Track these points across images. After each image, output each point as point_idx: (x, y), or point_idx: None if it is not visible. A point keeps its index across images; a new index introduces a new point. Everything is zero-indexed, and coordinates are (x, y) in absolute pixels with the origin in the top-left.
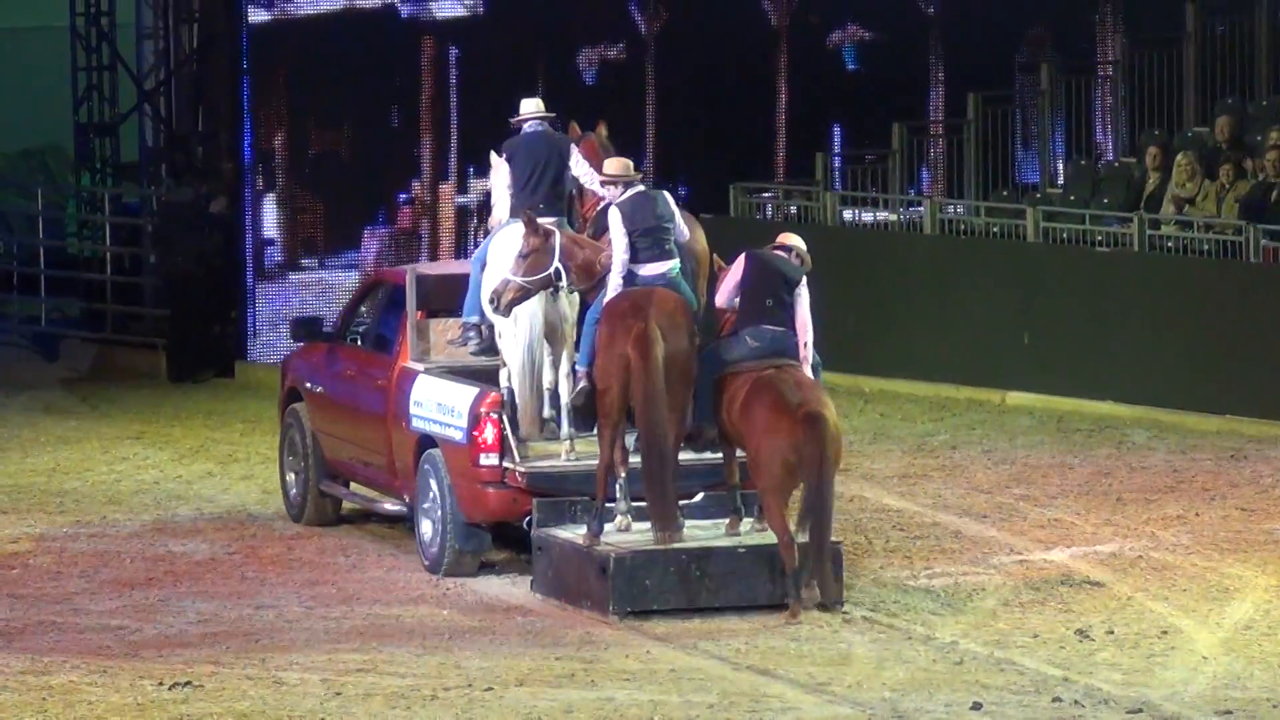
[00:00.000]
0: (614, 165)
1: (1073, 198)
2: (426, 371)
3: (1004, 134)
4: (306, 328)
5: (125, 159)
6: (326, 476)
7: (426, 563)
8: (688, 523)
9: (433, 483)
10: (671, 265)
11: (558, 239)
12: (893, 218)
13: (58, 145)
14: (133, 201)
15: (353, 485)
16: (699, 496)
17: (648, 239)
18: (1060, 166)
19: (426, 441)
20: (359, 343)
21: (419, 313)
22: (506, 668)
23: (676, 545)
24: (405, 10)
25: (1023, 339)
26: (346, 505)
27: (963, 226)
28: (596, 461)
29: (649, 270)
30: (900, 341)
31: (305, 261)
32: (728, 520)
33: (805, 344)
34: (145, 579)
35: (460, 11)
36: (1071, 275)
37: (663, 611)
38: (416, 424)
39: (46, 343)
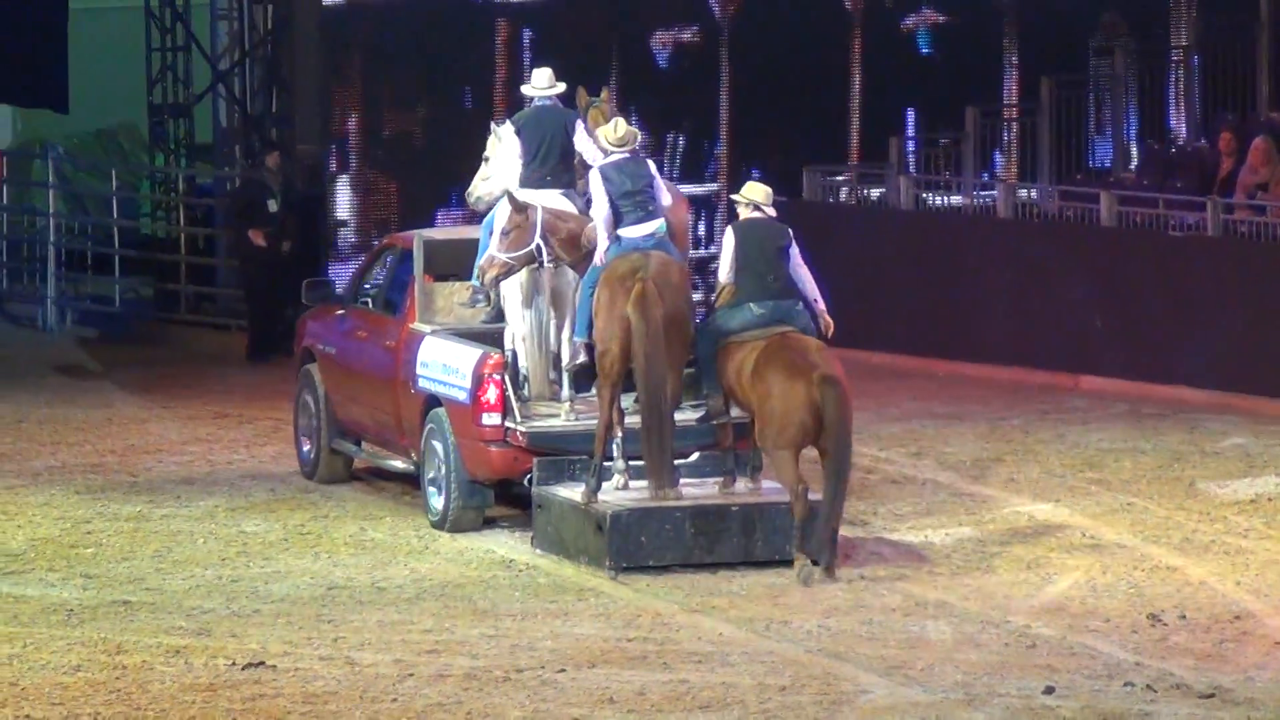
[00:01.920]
0: (615, 133)
1: (1146, 182)
2: (433, 333)
3: (1077, 118)
4: (319, 290)
5: (199, 140)
6: (338, 435)
7: (433, 519)
8: (682, 481)
9: (437, 442)
10: (658, 225)
11: (539, 214)
12: (966, 202)
13: (132, 126)
14: (207, 182)
15: (364, 444)
16: (694, 456)
17: (629, 201)
18: (1134, 150)
19: (432, 401)
20: (369, 305)
21: (427, 276)
22: (579, 649)
23: (672, 503)
24: None
25: (1095, 323)
26: (358, 463)
27: (1036, 211)
28: (595, 421)
29: (634, 232)
30: (973, 325)
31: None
32: (721, 479)
33: (816, 300)
34: (219, 559)
35: None
36: (1145, 259)
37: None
38: (423, 384)
39: (121, 323)
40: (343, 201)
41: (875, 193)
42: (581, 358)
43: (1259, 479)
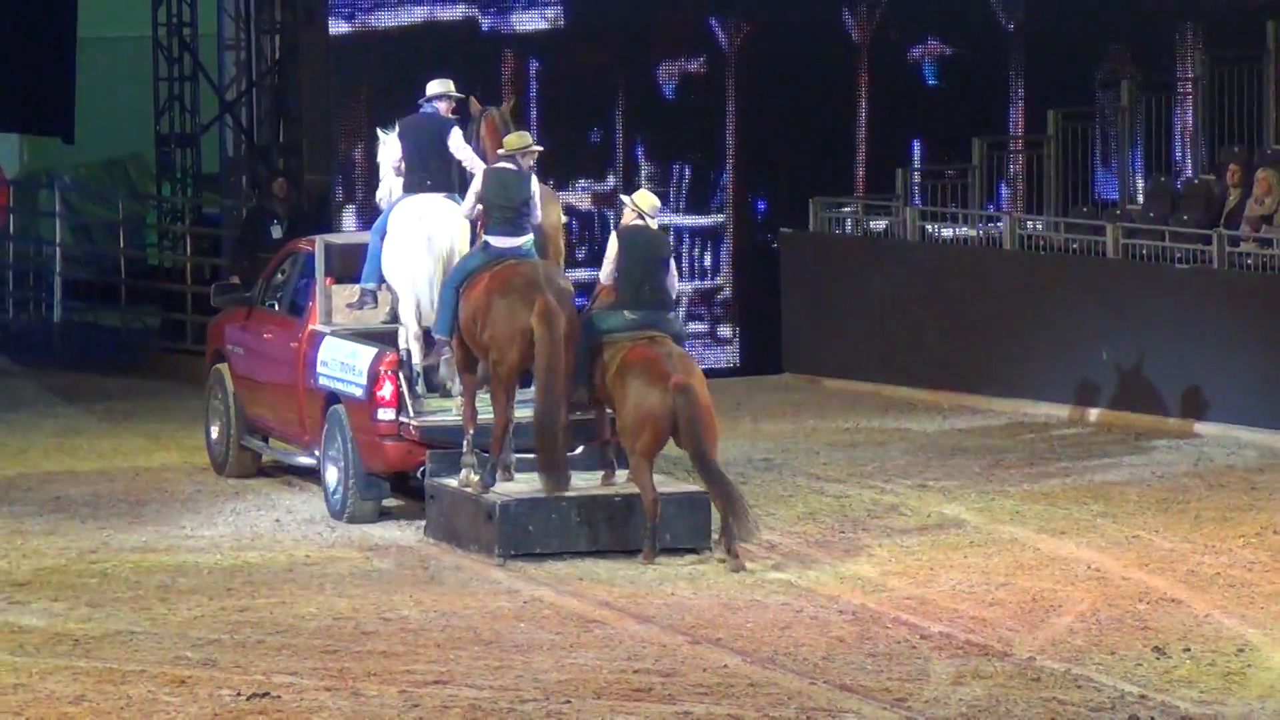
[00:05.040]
0: (508, 142)
1: (1152, 215)
2: (333, 333)
3: (1083, 150)
4: (227, 293)
5: (206, 169)
6: (247, 432)
7: (332, 511)
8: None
9: (337, 436)
10: (525, 240)
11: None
12: (972, 233)
13: (140, 155)
14: (213, 212)
15: (270, 440)
16: (579, 450)
17: (499, 212)
18: (1139, 183)
19: (332, 398)
20: (275, 307)
21: (328, 279)
22: (583, 681)
23: (557, 494)
24: (486, 23)
25: (1101, 355)
26: (265, 459)
27: (1042, 242)
28: (487, 416)
29: (502, 242)
30: (979, 357)
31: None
32: (603, 473)
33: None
34: (224, 589)
35: (541, 25)
36: (1150, 292)
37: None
38: (323, 381)
39: (127, 353)
40: (350, 230)
41: (879, 224)
42: (446, 353)
43: (1264, 512)
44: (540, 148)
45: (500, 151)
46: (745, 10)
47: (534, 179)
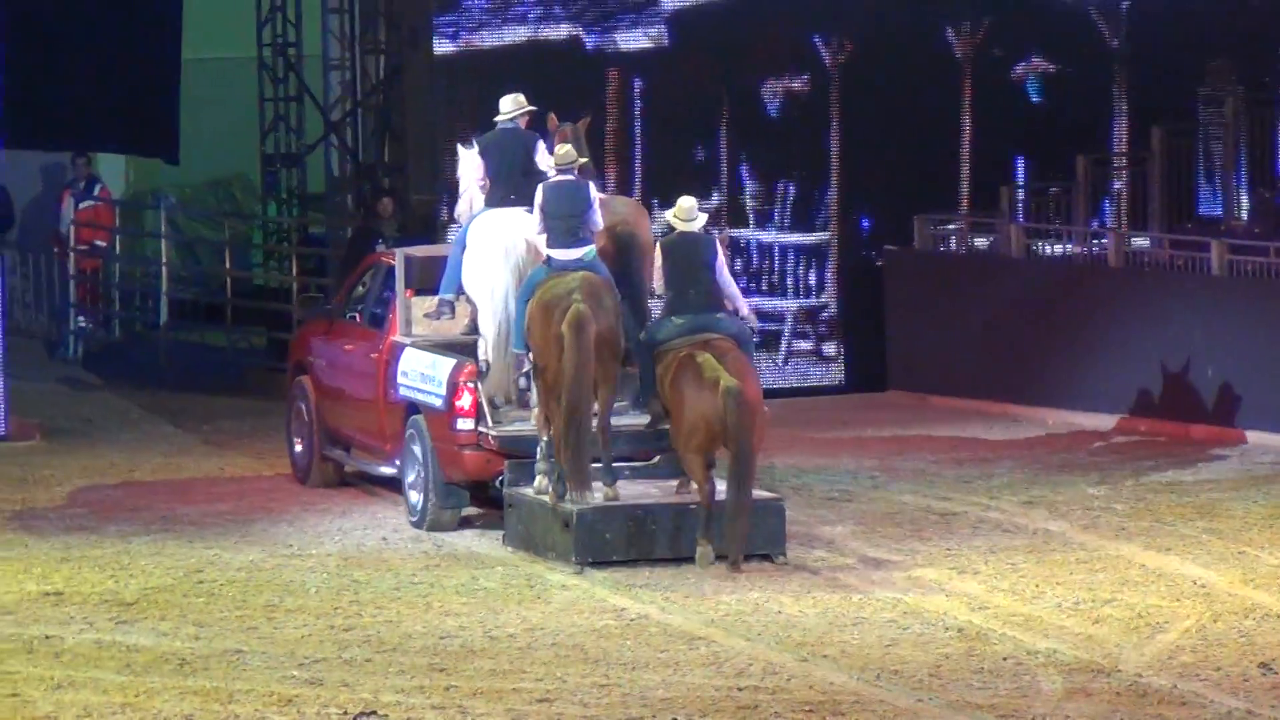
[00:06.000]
0: (556, 154)
1: (1256, 230)
2: (413, 344)
3: (1187, 166)
4: (312, 306)
5: (311, 189)
6: (329, 443)
7: (412, 519)
8: (647, 482)
9: (416, 447)
10: (586, 250)
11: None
12: (1077, 250)
13: (245, 175)
14: (318, 232)
15: (352, 450)
16: (655, 459)
17: (561, 223)
18: (1243, 198)
19: (412, 409)
20: (356, 319)
21: (408, 291)
22: (690, 699)
23: (634, 502)
24: (590, 42)
25: (1207, 372)
26: (347, 469)
27: (1146, 259)
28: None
29: (563, 255)
30: (1084, 374)
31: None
32: (678, 481)
33: (738, 310)
34: (331, 608)
35: (645, 43)
36: (1256, 308)
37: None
38: (403, 392)
39: (233, 373)
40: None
41: (981, 241)
42: (525, 366)
43: None
44: (585, 159)
45: (554, 165)
46: (848, 28)
47: (592, 188)
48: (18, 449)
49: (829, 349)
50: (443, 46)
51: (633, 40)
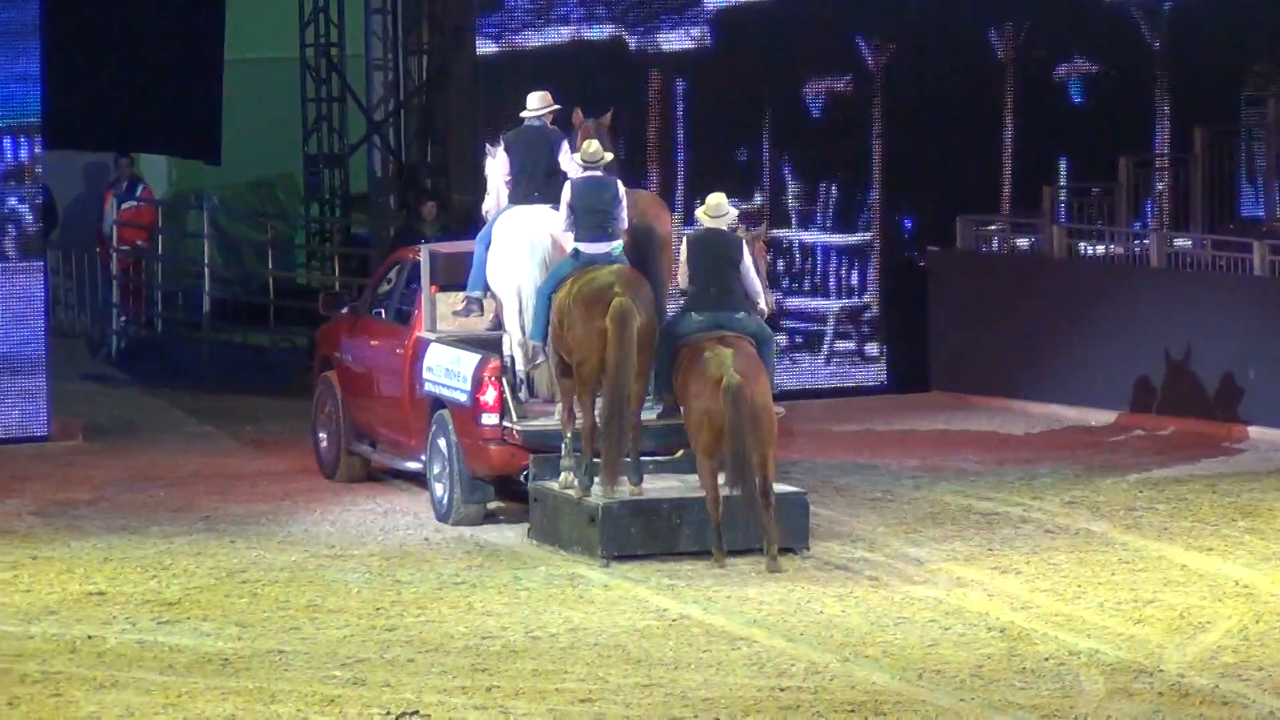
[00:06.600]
0: (586, 152)
1: None
2: (438, 340)
3: (1229, 167)
4: (337, 302)
5: (354, 190)
6: (355, 438)
7: (438, 514)
8: (671, 476)
9: (442, 441)
10: (615, 245)
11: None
12: (1120, 251)
13: (288, 175)
14: (361, 232)
15: (378, 445)
16: (680, 454)
17: (590, 217)
18: None
19: (437, 404)
20: (382, 315)
21: (433, 287)
22: (732, 699)
23: (658, 496)
24: (633, 42)
25: (1249, 373)
26: (373, 463)
27: (1189, 260)
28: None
29: (592, 248)
30: (1126, 375)
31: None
32: None
33: (757, 306)
34: (373, 608)
35: (688, 44)
36: None
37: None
38: (428, 387)
39: (276, 373)
40: None
41: (1023, 241)
42: (540, 359)
43: None
44: (610, 155)
45: (580, 160)
46: (891, 29)
47: (619, 185)
48: (60, 449)
49: (871, 349)
50: (485, 47)
51: (675, 41)
